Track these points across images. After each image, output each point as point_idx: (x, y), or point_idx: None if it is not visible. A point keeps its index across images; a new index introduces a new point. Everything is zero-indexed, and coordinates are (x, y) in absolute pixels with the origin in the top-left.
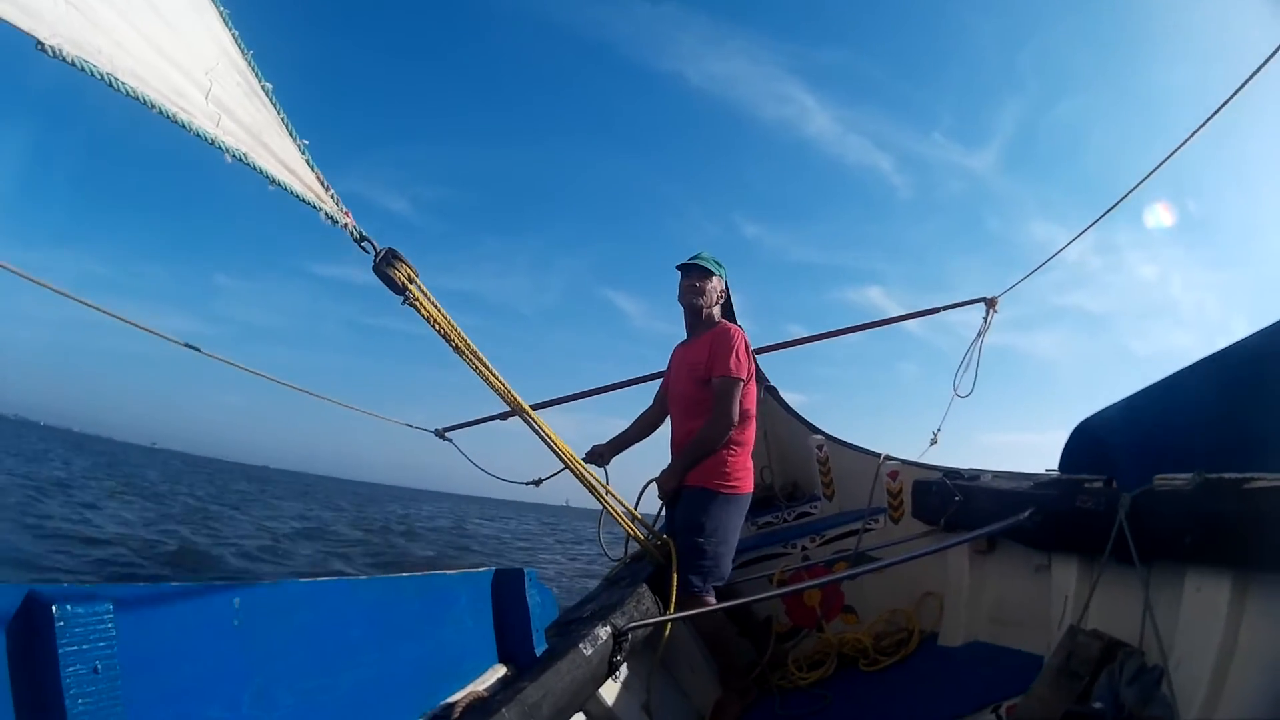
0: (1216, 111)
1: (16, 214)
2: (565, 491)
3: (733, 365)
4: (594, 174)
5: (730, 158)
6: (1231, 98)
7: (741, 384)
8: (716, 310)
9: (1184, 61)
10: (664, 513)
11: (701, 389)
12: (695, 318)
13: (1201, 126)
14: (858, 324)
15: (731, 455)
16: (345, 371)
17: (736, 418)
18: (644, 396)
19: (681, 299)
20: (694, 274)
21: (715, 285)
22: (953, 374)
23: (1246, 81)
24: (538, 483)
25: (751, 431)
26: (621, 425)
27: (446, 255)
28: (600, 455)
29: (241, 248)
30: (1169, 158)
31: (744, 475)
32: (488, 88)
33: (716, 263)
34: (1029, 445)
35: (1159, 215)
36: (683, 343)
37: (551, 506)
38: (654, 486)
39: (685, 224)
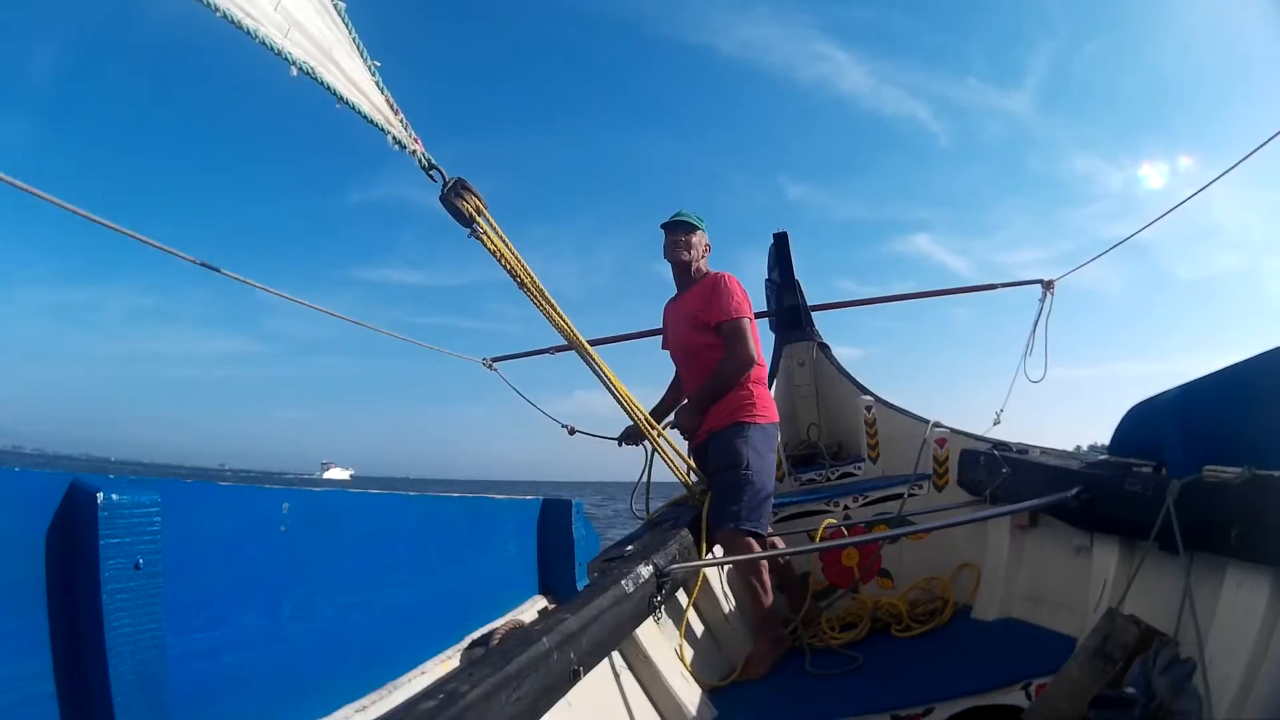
0: None
1: (59, 253)
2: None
3: (734, 308)
4: (638, 155)
5: (770, 122)
6: None
7: (750, 322)
8: (703, 263)
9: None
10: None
11: (704, 334)
12: (684, 273)
13: None
14: (913, 292)
15: (752, 391)
16: (398, 370)
17: (755, 354)
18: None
19: (668, 256)
20: (678, 230)
21: (700, 239)
22: (1012, 342)
23: None
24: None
25: (765, 370)
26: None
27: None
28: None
29: (285, 265)
30: None
31: (769, 406)
32: (525, 76)
33: (698, 218)
34: (1090, 379)
35: (1164, 172)
36: (673, 299)
37: (597, 484)
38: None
39: (731, 194)
